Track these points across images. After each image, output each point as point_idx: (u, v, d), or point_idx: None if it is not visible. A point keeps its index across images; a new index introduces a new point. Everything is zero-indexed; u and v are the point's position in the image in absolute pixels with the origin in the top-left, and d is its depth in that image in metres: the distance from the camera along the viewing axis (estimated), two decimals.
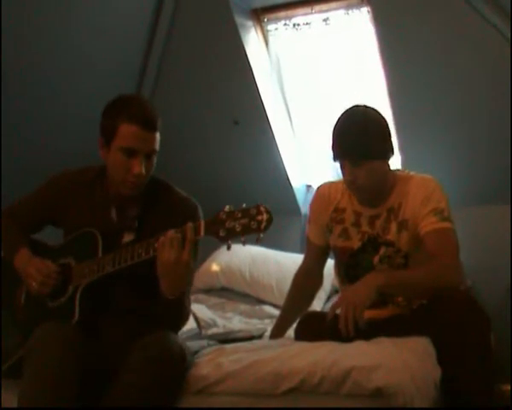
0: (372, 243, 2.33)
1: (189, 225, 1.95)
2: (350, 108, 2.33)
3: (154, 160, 2.16)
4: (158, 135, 2.13)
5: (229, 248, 1.91)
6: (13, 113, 3.32)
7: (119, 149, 2.09)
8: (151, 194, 2.23)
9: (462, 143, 3.56)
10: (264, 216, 1.84)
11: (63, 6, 3.22)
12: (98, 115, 2.20)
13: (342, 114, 2.33)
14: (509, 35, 3.14)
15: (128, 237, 2.18)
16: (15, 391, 1.92)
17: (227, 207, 1.90)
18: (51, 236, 2.39)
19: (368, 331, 2.16)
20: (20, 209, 2.38)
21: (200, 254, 2.33)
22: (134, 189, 2.14)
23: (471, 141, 3.53)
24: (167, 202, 2.23)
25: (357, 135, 2.24)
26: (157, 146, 2.14)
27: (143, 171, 2.09)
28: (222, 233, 1.88)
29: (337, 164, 2.35)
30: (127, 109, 2.09)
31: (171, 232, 1.95)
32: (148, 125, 2.09)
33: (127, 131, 2.07)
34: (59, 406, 1.85)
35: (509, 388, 2.92)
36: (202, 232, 1.92)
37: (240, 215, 1.87)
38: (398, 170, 2.41)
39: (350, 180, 2.27)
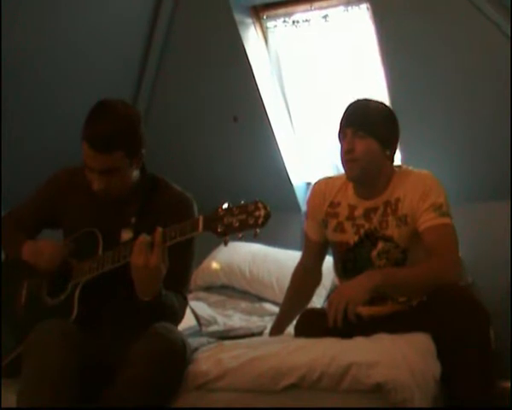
0: (370, 238, 2.33)
1: (159, 229, 1.97)
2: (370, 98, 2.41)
3: (120, 176, 2.13)
4: (116, 154, 2.07)
5: (226, 244, 1.92)
6: (11, 113, 3.32)
7: (83, 162, 2.12)
8: (147, 190, 2.25)
9: (462, 139, 3.56)
10: (262, 212, 1.85)
11: (62, 6, 3.22)
12: None
13: (361, 98, 2.41)
14: (509, 32, 3.13)
15: (126, 234, 2.19)
16: (14, 389, 1.93)
17: (225, 204, 1.91)
18: (51, 236, 2.40)
19: (367, 328, 2.17)
20: (21, 211, 2.39)
21: (200, 252, 2.35)
22: (103, 198, 2.16)
23: (471, 137, 3.53)
24: (163, 198, 2.25)
25: (366, 110, 2.34)
26: (115, 164, 2.09)
27: (99, 187, 2.11)
28: (220, 229, 1.89)
29: (337, 161, 2.36)
30: (86, 126, 2.10)
31: (141, 237, 1.97)
32: (98, 146, 2.05)
33: (84, 148, 2.09)
34: (59, 403, 1.84)
35: (508, 384, 2.92)
36: (201, 228, 1.93)
37: (238, 211, 1.87)
38: (395, 166, 2.41)
39: (348, 149, 2.30)
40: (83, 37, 3.44)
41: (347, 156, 2.31)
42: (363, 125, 2.29)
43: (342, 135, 2.35)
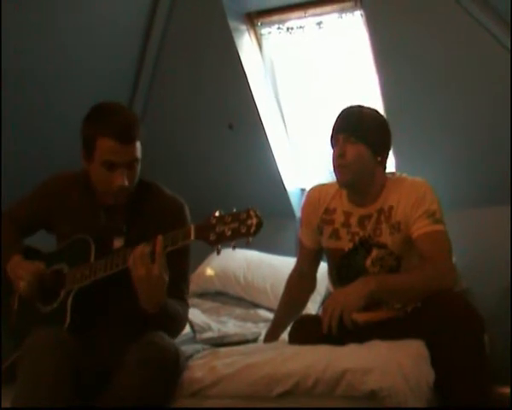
0: (364, 245, 2.33)
1: (159, 237, 1.96)
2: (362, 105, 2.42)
3: (138, 167, 2.15)
4: (137, 144, 2.11)
5: (218, 252, 1.91)
6: (10, 114, 3.32)
7: (100, 163, 2.09)
8: (138, 196, 2.24)
9: (457, 145, 3.56)
10: (254, 220, 1.84)
11: (59, 10, 3.22)
12: None
13: (353, 104, 2.42)
14: (506, 41, 3.14)
15: (118, 241, 2.19)
16: (8, 396, 1.92)
17: (217, 212, 1.90)
18: (45, 241, 2.39)
19: (362, 334, 2.18)
20: (16, 212, 2.38)
21: (194, 258, 2.34)
22: (119, 199, 2.16)
23: (467, 143, 3.53)
24: (154, 203, 2.24)
25: (358, 116, 2.35)
26: (138, 154, 2.12)
27: (126, 183, 2.10)
28: (212, 238, 1.88)
29: (331, 167, 2.38)
30: (103, 122, 2.08)
31: (140, 248, 1.96)
32: (125, 137, 2.07)
33: (105, 146, 2.07)
34: (53, 406, 1.84)
35: (507, 390, 2.91)
36: (193, 236, 1.92)
37: (230, 220, 1.86)
38: (389, 173, 2.42)
39: (339, 154, 2.31)
40: (80, 46, 3.44)
41: (338, 162, 2.32)
42: (355, 131, 2.30)
43: (334, 141, 2.36)
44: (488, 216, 3.60)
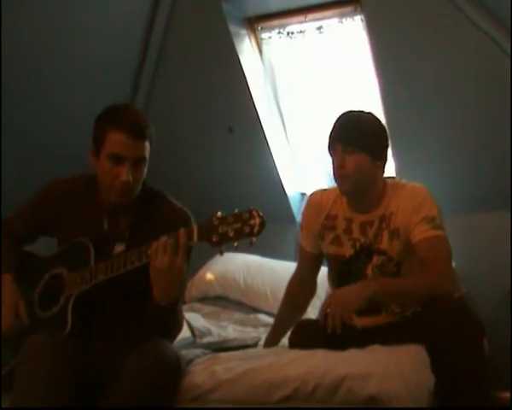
0: (365, 252, 2.33)
1: (182, 230, 1.95)
2: (357, 110, 2.39)
3: (144, 168, 2.16)
4: (147, 144, 2.13)
5: (221, 253, 1.91)
6: (11, 113, 3.32)
7: (107, 156, 2.10)
8: (144, 203, 2.23)
9: (457, 150, 3.56)
10: (257, 220, 1.84)
11: (59, 9, 3.22)
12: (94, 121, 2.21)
13: (348, 110, 2.39)
14: (507, 46, 3.15)
15: (119, 247, 2.18)
16: (6, 403, 1.92)
17: (219, 213, 1.90)
18: (45, 245, 2.39)
19: (362, 339, 2.18)
20: (15, 221, 2.37)
21: (195, 263, 2.33)
22: (122, 196, 2.14)
23: (466, 148, 3.53)
24: (160, 213, 2.23)
25: (354, 124, 2.32)
26: (146, 154, 2.13)
27: (130, 178, 2.09)
28: (215, 238, 1.88)
29: (331, 172, 2.37)
30: (116, 117, 2.11)
31: (163, 238, 1.95)
32: (136, 132, 2.09)
33: (115, 139, 2.08)
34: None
35: (507, 395, 2.92)
36: (195, 238, 1.92)
37: (232, 220, 1.86)
38: (389, 178, 2.42)
39: (339, 165, 2.30)
40: (82, 49, 3.45)
41: (339, 172, 2.31)
42: (353, 140, 2.28)
43: (332, 150, 2.34)
44: (488, 221, 3.59)
